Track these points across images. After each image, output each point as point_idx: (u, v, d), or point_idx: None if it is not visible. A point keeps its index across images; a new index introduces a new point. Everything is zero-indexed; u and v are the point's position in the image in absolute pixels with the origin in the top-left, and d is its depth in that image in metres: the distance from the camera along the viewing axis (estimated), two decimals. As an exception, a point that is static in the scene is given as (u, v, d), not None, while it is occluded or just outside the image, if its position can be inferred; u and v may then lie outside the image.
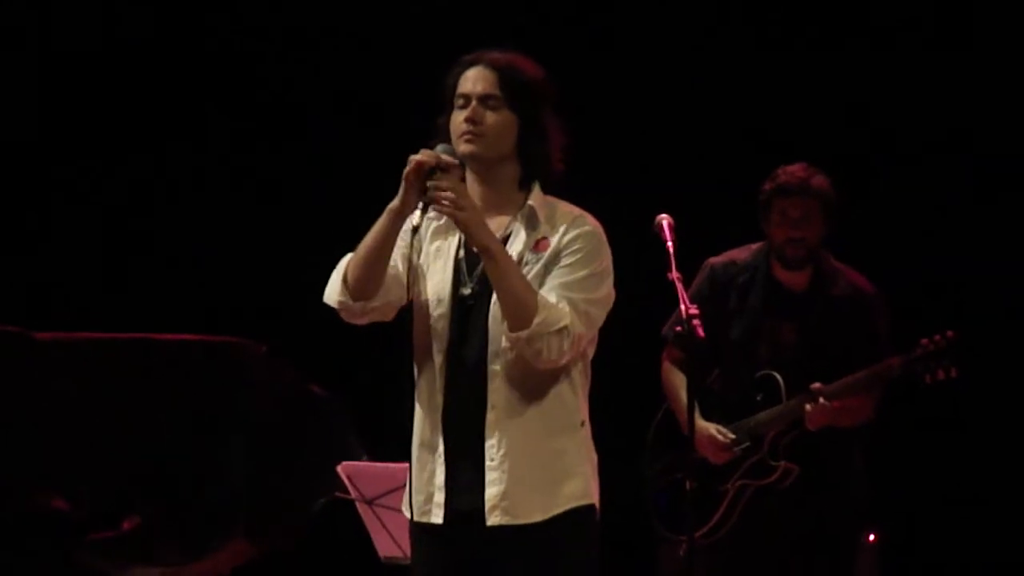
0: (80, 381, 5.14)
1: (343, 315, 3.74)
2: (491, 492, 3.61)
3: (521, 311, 3.55)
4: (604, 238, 3.71)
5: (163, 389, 5.21)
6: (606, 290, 3.69)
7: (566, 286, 3.62)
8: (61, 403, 5.11)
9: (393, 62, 6.69)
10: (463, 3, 6.57)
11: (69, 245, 6.81)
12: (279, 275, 6.69)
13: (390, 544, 5.12)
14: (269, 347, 5.33)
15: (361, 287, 3.67)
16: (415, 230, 3.63)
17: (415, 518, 3.70)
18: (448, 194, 3.57)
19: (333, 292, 3.72)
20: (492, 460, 3.61)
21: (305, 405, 5.35)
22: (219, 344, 5.31)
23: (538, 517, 3.62)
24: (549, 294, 3.61)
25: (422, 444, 3.71)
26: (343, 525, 5.39)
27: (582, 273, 3.65)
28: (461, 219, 3.58)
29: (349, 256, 3.72)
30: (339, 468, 5.12)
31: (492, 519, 3.61)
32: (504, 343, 3.60)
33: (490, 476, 3.61)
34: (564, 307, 3.59)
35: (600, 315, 3.69)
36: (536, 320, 3.54)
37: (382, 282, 3.68)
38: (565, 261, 3.65)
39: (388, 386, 3.83)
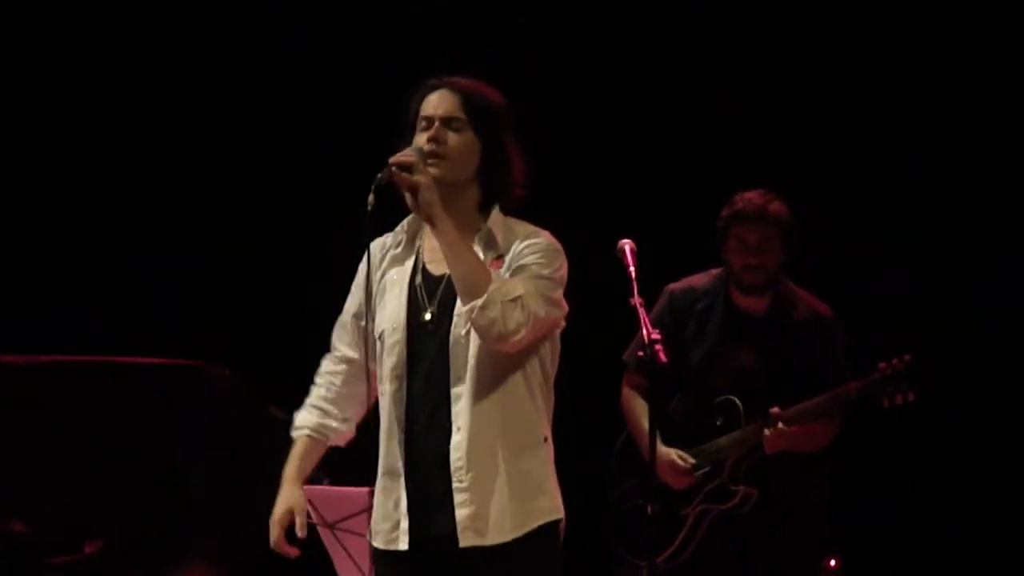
0: (43, 403, 5.12)
1: None
2: (462, 514, 3.62)
3: (474, 280, 3.58)
4: (561, 251, 3.74)
5: (126, 412, 5.20)
6: (559, 295, 3.70)
7: (524, 279, 3.65)
8: (23, 425, 5.10)
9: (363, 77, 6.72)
10: (429, 25, 6.60)
11: (32, 265, 6.80)
12: (241, 298, 6.70)
13: (352, 569, 5.10)
14: (232, 370, 5.33)
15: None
16: (370, 213, 3.64)
17: (382, 546, 3.72)
18: (408, 158, 3.61)
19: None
20: (461, 482, 3.63)
21: (267, 428, 5.34)
22: (183, 367, 5.30)
23: (508, 536, 3.64)
24: None
25: (386, 471, 3.73)
26: (305, 549, 5.37)
27: (541, 272, 3.67)
28: (415, 183, 3.60)
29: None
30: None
31: (464, 540, 3.62)
32: (462, 327, 3.61)
33: (459, 498, 3.62)
34: (518, 283, 3.62)
35: (555, 314, 3.70)
36: (491, 288, 3.56)
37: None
38: (520, 262, 3.68)
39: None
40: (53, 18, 6.86)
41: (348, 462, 4.44)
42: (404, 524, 3.68)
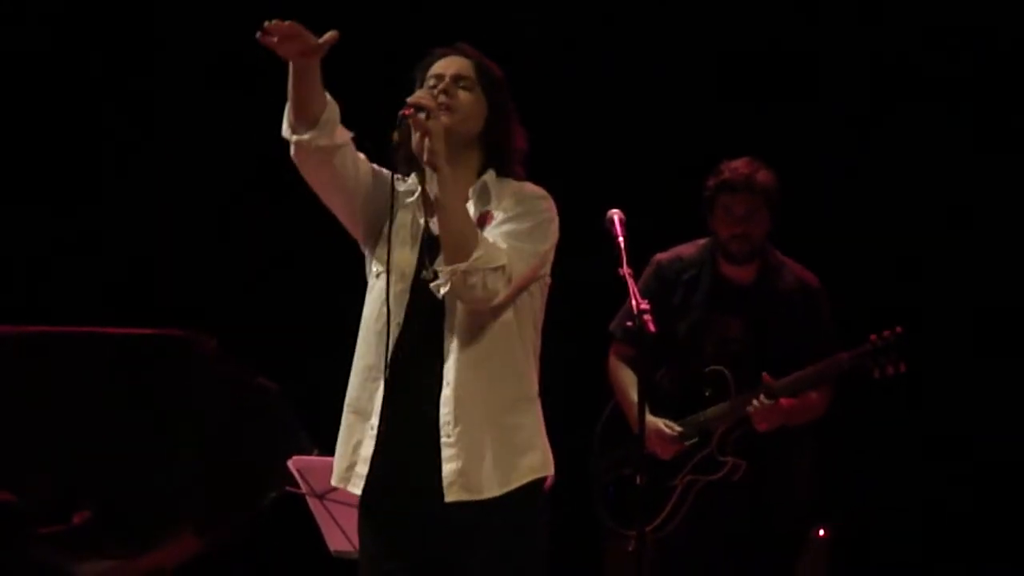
0: (27, 375, 5.11)
1: (296, 159, 3.68)
2: (449, 468, 3.62)
3: (462, 242, 3.56)
4: (550, 200, 3.74)
5: (112, 382, 5.19)
6: (548, 245, 3.70)
7: (509, 234, 3.65)
8: (7, 397, 5.09)
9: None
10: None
11: (12, 238, 6.78)
12: (227, 268, 6.68)
13: (340, 538, 5.11)
14: (218, 340, 5.32)
15: (297, 117, 3.61)
16: (395, 148, 3.65)
17: (334, 482, 3.73)
18: (428, 101, 3.60)
19: (284, 130, 3.68)
20: (448, 437, 3.62)
21: (255, 399, 5.33)
22: (169, 337, 5.29)
23: (496, 492, 3.64)
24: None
25: (355, 410, 3.72)
26: (293, 519, 5.38)
27: (525, 225, 3.67)
28: (429, 128, 3.57)
29: None
30: (290, 462, 5.11)
31: (451, 495, 3.61)
32: (442, 286, 3.58)
33: (447, 452, 3.62)
34: (504, 248, 3.61)
35: (537, 268, 3.69)
36: (475, 254, 3.56)
37: (319, 110, 3.61)
38: (507, 215, 3.68)
39: (338, 380, 3.83)
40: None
41: (336, 432, 4.41)
42: (361, 469, 3.68)
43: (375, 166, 3.78)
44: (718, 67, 6.61)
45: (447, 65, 3.76)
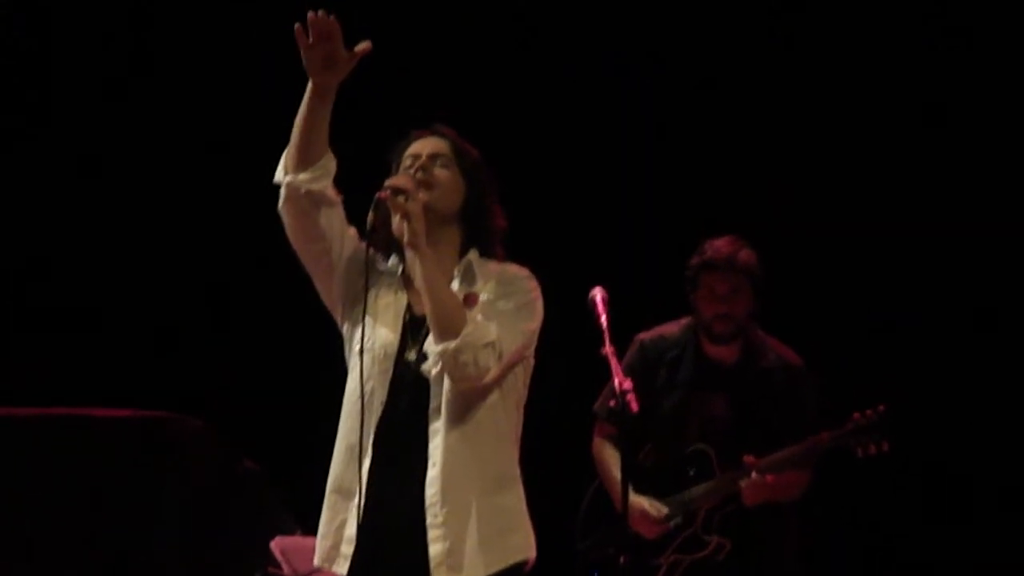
0: (10, 459, 5.10)
1: (285, 207, 3.69)
2: (436, 549, 3.62)
3: (449, 320, 3.58)
4: (534, 281, 3.76)
5: (95, 466, 5.17)
6: (534, 324, 3.73)
7: (496, 312, 3.67)
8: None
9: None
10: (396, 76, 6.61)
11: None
12: (211, 347, 6.67)
13: (324, 620, 5.09)
14: (204, 421, 5.32)
15: (297, 156, 3.64)
16: (370, 231, 3.65)
17: (317, 562, 3.72)
18: (406, 185, 3.62)
19: (277, 173, 3.70)
20: (436, 517, 3.63)
21: (238, 480, 5.32)
22: (153, 420, 5.28)
23: (481, 572, 3.64)
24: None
25: (338, 489, 3.72)
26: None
27: (511, 304, 3.70)
28: (407, 210, 3.60)
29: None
30: (272, 543, 5.09)
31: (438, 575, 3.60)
32: (433, 366, 3.60)
33: (433, 533, 3.62)
34: (492, 325, 3.63)
35: (525, 346, 3.72)
36: (465, 331, 3.57)
37: (319, 154, 3.65)
38: (492, 295, 3.71)
39: (319, 460, 3.83)
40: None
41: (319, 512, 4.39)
42: (346, 549, 3.67)
43: (362, 242, 3.79)
44: (700, 142, 6.64)
45: (423, 145, 3.80)
